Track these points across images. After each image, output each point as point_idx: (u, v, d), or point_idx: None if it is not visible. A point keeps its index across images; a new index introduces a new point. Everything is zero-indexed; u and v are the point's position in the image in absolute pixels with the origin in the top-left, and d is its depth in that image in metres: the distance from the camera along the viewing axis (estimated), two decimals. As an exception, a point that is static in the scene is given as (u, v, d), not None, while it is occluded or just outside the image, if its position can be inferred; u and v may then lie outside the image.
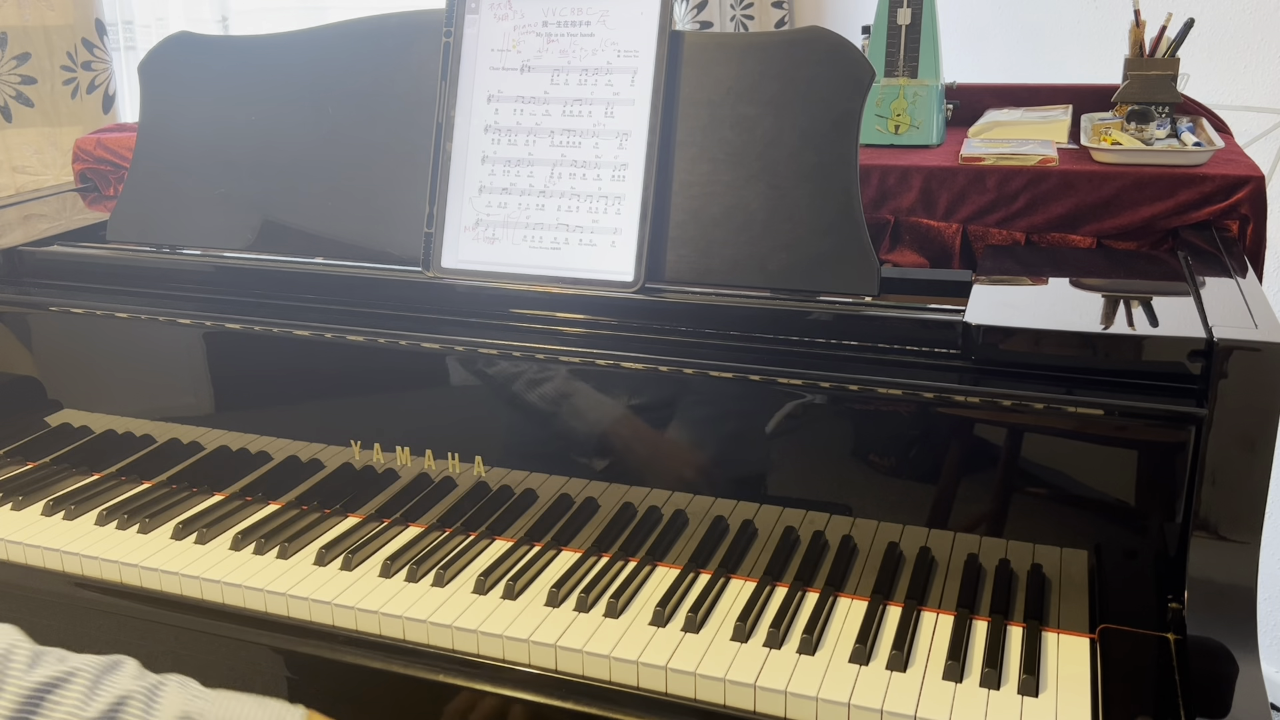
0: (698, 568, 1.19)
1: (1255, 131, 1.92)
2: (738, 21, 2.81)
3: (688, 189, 1.23)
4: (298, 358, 1.32)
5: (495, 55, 1.30)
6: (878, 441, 1.11)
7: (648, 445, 1.19)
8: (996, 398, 1.05)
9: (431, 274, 1.30)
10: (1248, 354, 0.96)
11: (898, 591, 1.13)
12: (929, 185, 1.39)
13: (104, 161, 1.85)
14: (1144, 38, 1.45)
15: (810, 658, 1.05)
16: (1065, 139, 1.50)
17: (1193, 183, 1.29)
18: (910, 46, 1.53)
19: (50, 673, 0.82)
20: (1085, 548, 1.06)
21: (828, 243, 1.18)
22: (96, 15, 2.21)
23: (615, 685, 1.07)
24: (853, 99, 1.18)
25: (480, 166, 1.30)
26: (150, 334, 1.39)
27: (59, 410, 1.48)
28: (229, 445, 1.39)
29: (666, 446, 1.19)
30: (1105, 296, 1.16)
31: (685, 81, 1.24)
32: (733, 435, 1.16)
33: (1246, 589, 1.00)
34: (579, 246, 1.25)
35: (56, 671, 0.82)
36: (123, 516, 1.34)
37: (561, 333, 1.23)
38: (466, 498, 1.29)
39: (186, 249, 1.46)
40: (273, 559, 1.25)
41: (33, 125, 2.21)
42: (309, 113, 1.40)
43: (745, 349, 1.16)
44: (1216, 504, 0.99)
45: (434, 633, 1.13)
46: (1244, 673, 0.97)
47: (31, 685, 0.80)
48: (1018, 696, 0.99)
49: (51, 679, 0.81)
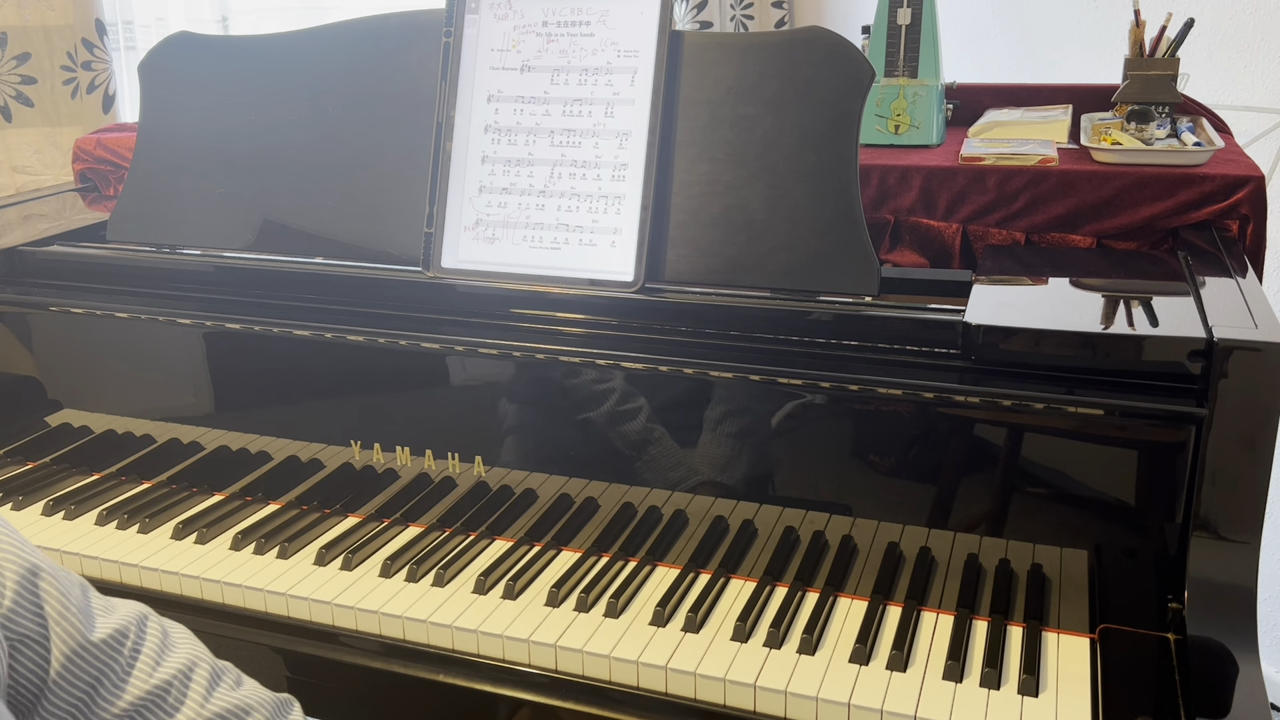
0: (698, 568, 1.19)
1: (1255, 131, 1.92)
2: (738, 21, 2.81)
3: (688, 189, 1.23)
4: (298, 358, 1.32)
5: (495, 55, 1.30)
6: (878, 441, 1.11)
7: (647, 445, 1.19)
8: (996, 398, 1.05)
9: (431, 274, 1.30)
10: (1248, 354, 0.96)
11: (898, 591, 1.13)
12: (929, 185, 1.39)
13: (104, 161, 1.85)
14: (1144, 38, 1.45)
15: (810, 658, 1.05)
16: (1065, 139, 1.50)
17: (1193, 183, 1.29)
18: (910, 46, 1.53)
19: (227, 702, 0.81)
20: (1085, 548, 1.06)
21: (828, 243, 1.18)
22: (96, 15, 2.21)
23: (615, 685, 1.07)
24: (853, 99, 1.18)
25: (480, 166, 1.30)
26: (150, 334, 1.39)
27: (59, 410, 1.48)
28: (229, 445, 1.39)
29: (666, 446, 1.19)
30: (1105, 296, 1.16)
31: (685, 81, 1.24)
32: (733, 435, 1.16)
33: (1246, 589, 1.00)
34: (579, 246, 1.25)
35: (231, 703, 0.81)
36: (123, 516, 1.34)
37: (561, 333, 1.23)
38: (466, 498, 1.29)
39: (186, 249, 1.46)
40: (273, 559, 1.25)
41: (33, 125, 2.21)
42: (309, 113, 1.40)
43: (745, 349, 1.16)
44: (1216, 504, 0.99)
45: (434, 633, 1.13)
46: (1244, 673, 0.97)
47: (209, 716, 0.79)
48: (1018, 696, 0.99)
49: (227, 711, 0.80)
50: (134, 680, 0.77)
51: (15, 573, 0.73)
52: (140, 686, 0.77)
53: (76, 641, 0.75)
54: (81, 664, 0.75)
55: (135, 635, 0.80)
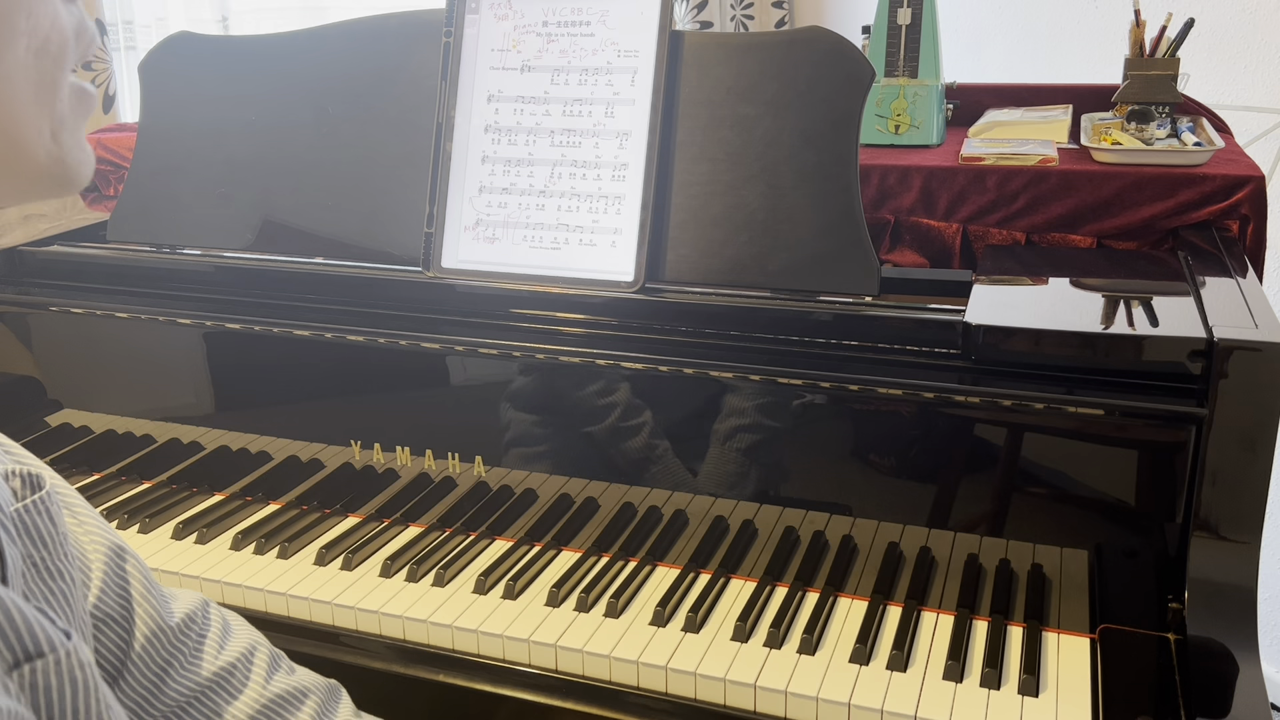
0: (698, 568, 1.19)
1: (1255, 131, 1.92)
2: (738, 21, 2.81)
3: (688, 189, 1.23)
4: (298, 358, 1.32)
5: (495, 55, 1.30)
6: (878, 441, 1.11)
7: (647, 445, 1.19)
8: (996, 398, 1.05)
9: (431, 274, 1.30)
10: (1248, 354, 0.96)
11: (898, 591, 1.13)
12: (929, 185, 1.39)
13: (104, 161, 1.85)
14: (1144, 38, 1.45)
15: (810, 658, 1.05)
16: (1065, 139, 1.50)
17: (1193, 183, 1.29)
18: (910, 46, 1.53)
19: (286, 684, 0.82)
20: (1085, 548, 1.06)
21: (828, 243, 1.18)
22: (96, 15, 2.21)
23: (615, 685, 1.07)
24: (853, 99, 1.18)
25: (480, 166, 1.30)
26: (150, 334, 1.39)
27: (59, 410, 1.48)
28: (229, 445, 1.39)
29: (666, 447, 1.19)
30: (1105, 296, 1.16)
31: (685, 81, 1.24)
32: (733, 435, 1.16)
33: (1246, 589, 1.00)
34: (579, 246, 1.25)
35: (290, 685, 0.82)
36: (123, 516, 1.34)
37: (561, 333, 1.23)
38: (466, 498, 1.29)
39: (186, 249, 1.46)
40: (273, 559, 1.25)
41: (33, 125, 2.20)
42: (309, 113, 1.40)
43: (745, 349, 1.16)
44: (1216, 504, 0.99)
45: (434, 633, 1.13)
46: (1244, 673, 0.97)
47: (271, 695, 0.80)
48: (1018, 696, 0.99)
49: (287, 692, 0.82)
50: (203, 662, 0.79)
51: (103, 554, 0.74)
52: (208, 668, 0.79)
53: (157, 623, 0.76)
54: (159, 645, 0.76)
55: (201, 619, 0.82)
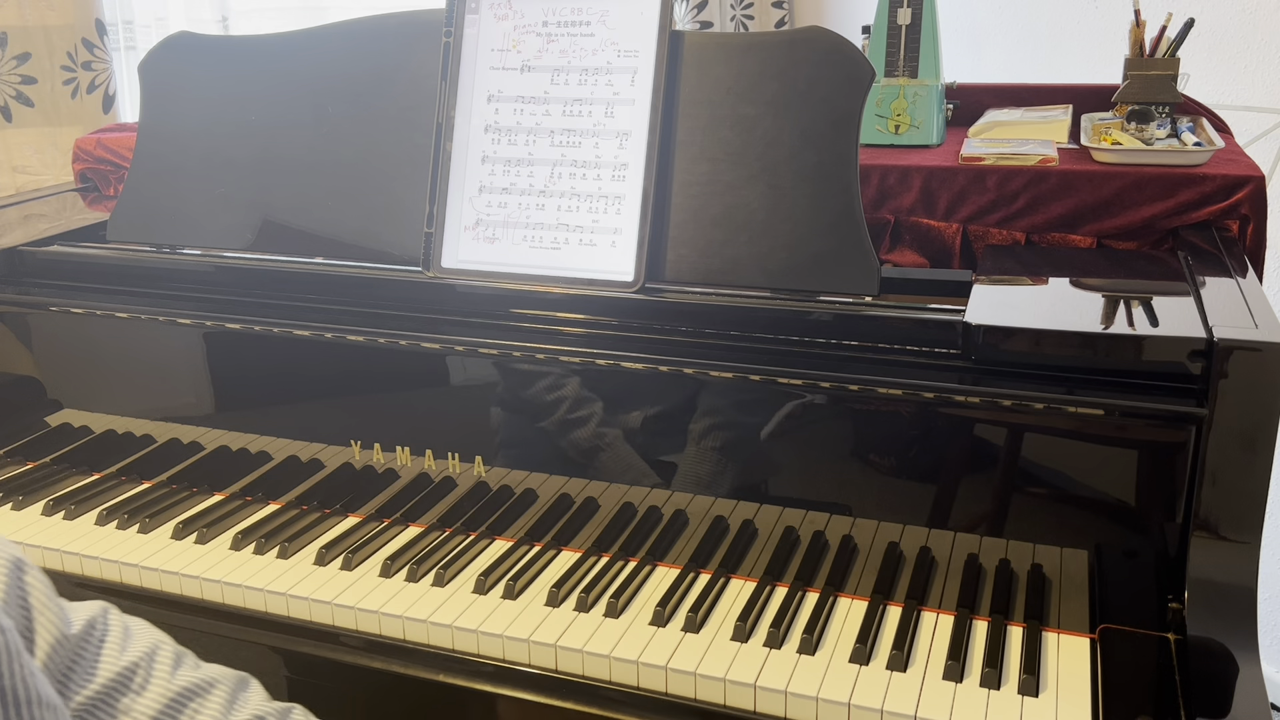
0: (698, 568, 1.19)
1: (1255, 131, 1.92)
2: (738, 21, 2.81)
3: (688, 189, 1.23)
4: (298, 358, 1.32)
5: (495, 55, 1.30)
6: (878, 441, 1.11)
7: (647, 445, 1.19)
8: (996, 398, 1.05)
9: (431, 274, 1.30)
10: (1248, 354, 0.96)
11: (898, 591, 1.13)
12: (929, 185, 1.39)
13: (104, 161, 1.85)
14: (1144, 38, 1.45)
15: (810, 658, 1.05)
16: (1065, 139, 1.50)
17: (1193, 183, 1.29)
18: (910, 46, 1.53)
19: (192, 678, 0.83)
20: (1085, 548, 1.06)
21: (828, 243, 1.18)
22: (96, 15, 2.21)
23: (615, 685, 1.07)
24: (853, 99, 1.18)
25: (480, 166, 1.30)
26: (150, 334, 1.39)
27: (59, 410, 1.48)
28: (229, 445, 1.39)
29: (666, 446, 1.19)
30: (1105, 296, 1.16)
31: (685, 81, 1.24)
32: (733, 435, 1.16)
33: (1246, 589, 1.00)
34: (579, 246, 1.25)
35: (197, 679, 0.83)
36: (123, 516, 1.34)
37: (561, 333, 1.23)
38: (466, 498, 1.29)
39: (186, 249, 1.46)
40: (273, 559, 1.25)
41: (33, 125, 2.20)
42: (309, 113, 1.40)
43: (745, 349, 1.16)
44: (1216, 504, 0.99)
45: (434, 632, 1.13)
46: (1244, 673, 0.97)
47: (177, 689, 0.81)
48: (1018, 696, 0.99)
49: (194, 685, 0.83)
50: (103, 664, 0.80)
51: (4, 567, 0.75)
52: (109, 670, 0.80)
53: (58, 632, 0.78)
54: (60, 654, 0.78)
55: (101, 625, 0.83)
